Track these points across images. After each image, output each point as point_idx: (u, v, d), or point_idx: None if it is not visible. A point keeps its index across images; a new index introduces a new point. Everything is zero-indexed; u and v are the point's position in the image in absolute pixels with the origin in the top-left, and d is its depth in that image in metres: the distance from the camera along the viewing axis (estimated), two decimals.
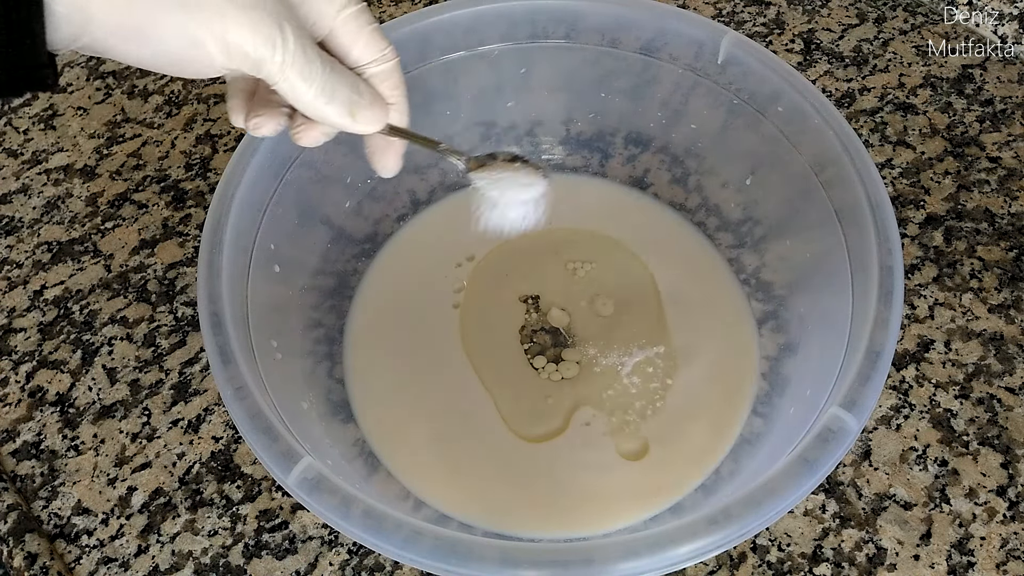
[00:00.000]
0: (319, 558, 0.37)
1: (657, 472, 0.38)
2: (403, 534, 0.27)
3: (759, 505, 0.27)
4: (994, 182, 0.47)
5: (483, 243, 0.46)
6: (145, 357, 0.43)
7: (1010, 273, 0.43)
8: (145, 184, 0.50)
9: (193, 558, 0.37)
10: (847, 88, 0.52)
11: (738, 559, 0.36)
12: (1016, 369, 0.40)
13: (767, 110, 0.39)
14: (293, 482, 0.28)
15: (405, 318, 0.43)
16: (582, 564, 0.26)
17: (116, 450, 0.40)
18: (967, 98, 0.51)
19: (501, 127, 0.47)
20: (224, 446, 0.40)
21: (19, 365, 0.44)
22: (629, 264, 0.45)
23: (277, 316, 0.37)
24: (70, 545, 0.38)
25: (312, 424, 0.36)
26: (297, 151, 0.39)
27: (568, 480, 0.38)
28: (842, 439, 0.28)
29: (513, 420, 0.40)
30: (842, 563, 0.35)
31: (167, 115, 0.54)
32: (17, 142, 0.54)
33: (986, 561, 0.35)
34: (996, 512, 0.37)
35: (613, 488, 0.37)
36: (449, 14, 0.41)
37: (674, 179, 0.46)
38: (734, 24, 0.56)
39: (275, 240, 0.37)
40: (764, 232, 0.42)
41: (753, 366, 0.40)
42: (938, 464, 0.38)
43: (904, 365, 0.41)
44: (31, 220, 0.50)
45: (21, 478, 0.40)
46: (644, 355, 0.41)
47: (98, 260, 0.47)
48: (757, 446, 0.37)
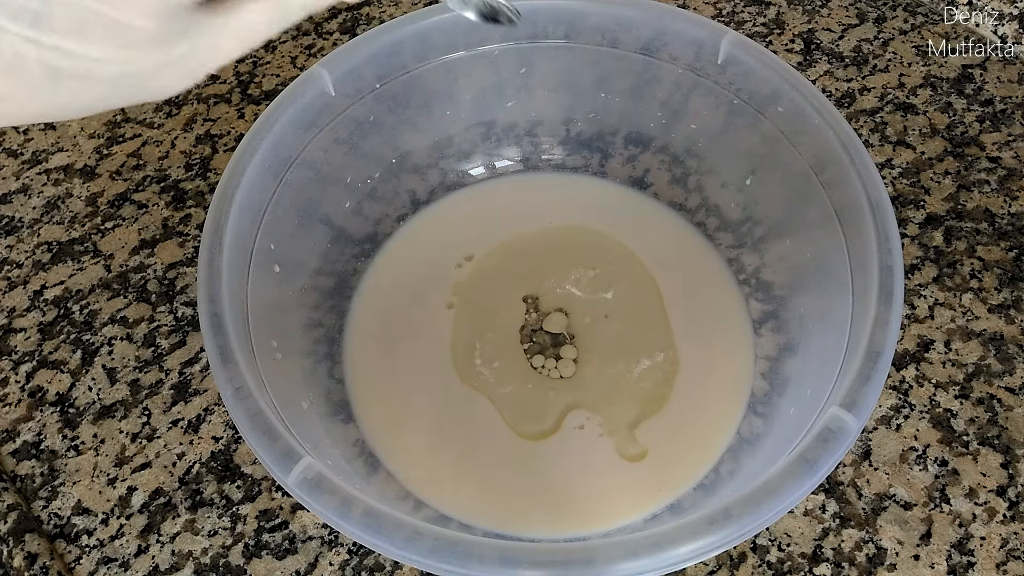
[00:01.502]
0: (319, 558, 0.37)
1: (657, 472, 0.38)
2: (403, 534, 0.27)
3: (759, 505, 0.27)
4: (994, 182, 0.47)
5: (483, 243, 0.46)
6: (145, 357, 0.43)
7: (1010, 273, 0.43)
8: (145, 184, 0.51)
9: (193, 558, 0.37)
10: (847, 88, 0.52)
11: (738, 559, 0.36)
12: (1016, 369, 0.40)
13: (767, 110, 0.39)
14: (293, 482, 0.28)
15: (405, 317, 0.43)
16: (582, 564, 0.26)
17: (116, 450, 0.40)
18: (967, 98, 0.51)
19: (501, 127, 0.47)
20: (224, 446, 0.40)
21: (19, 365, 0.44)
22: (629, 264, 0.45)
23: (277, 316, 0.37)
24: (70, 545, 0.38)
25: (312, 424, 0.36)
26: (297, 151, 0.39)
27: (568, 479, 0.38)
28: (842, 439, 0.28)
29: (513, 419, 0.40)
30: (842, 563, 0.35)
31: (167, 115, 0.54)
32: (17, 142, 0.54)
33: (986, 561, 0.35)
34: (996, 512, 0.37)
35: (613, 487, 0.37)
36: (449, 14, 0.41)
37: (674, 179, 0.46)
38: (734, 24, 0.56)
39: (275, 240, 0.37)
40: (764, 232, 0.42)
41: (753, 366, 0.40)
42: (938, 464, 0.38)
43: (904, 365, 0.41)
44: (31, 220, 0.50)
45: (21, 478, 0.40)
46: (644, 355, 0.41)
47: (98, 260, 0.47)
48: (757, 446, 0.37)
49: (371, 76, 0.41)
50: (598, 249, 0.46)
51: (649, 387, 0.40)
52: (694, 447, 0.38)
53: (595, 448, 0.39)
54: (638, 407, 0.40)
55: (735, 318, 0.42)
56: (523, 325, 0.43)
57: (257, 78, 0.55)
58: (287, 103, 0.38)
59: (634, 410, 0.40)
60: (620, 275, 0.44)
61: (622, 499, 0.37)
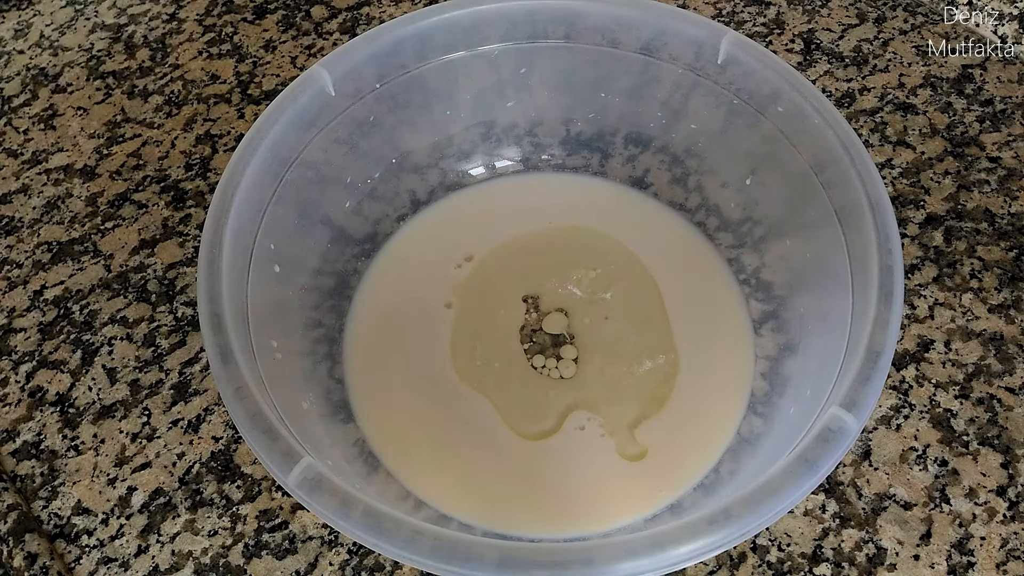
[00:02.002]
0: (319, 558, 0.37)
1: (657, 472, 0.38)
2: (403, 534, 0.27)
3: (759, 505, 0.27)
4: (994, 182, 0.47)
5: (483, 243, 0.46)
6: (145, 357, 0.43)
7: (1010, 273, 0.43)
8: (145, 184, 0.51)
9: (193, 558, 0.37)
10: (847, 88, 0.52)
11: (738, 559, 0.36)
12: (1016, 369, 0.40)
13: (767, 110, 0.39)
14: (293, 482, 0.28)
15: (405, 317, 0.43)
16: (582, 564, 0.26)
17: (116, 450, 0.40)
18: (967, 98, 0.51)
19: (501, 127, 0.47)
20: (224, 446, 0.40)
21: (19, 365, 0.44)
22: (629, 264, 0.45)
23: (277, 316, 0.37)
24: (70, 545, 0.38)
25: (312, 424, 0.36)
26: (297, 151, 0.39)
27: (568, 479, 0.38)
28: (842, 439, 0.28)
29: (513, 420, 0.40)
30: (842, 563, 0.35)
31: (167, 115, 0.54)
32: (17, 142, 0.54)
33: (986, 561, 0.35)
34: (996, 512, 0.37)
35: (613, 487, 0.37)
36: (449, 14, 0.41)
37: (674, 179, 0.46)
38: (734, 24, 0.56)
39: (275, 240, 0.37)
40: (764, 232, 0.42)
41: (753, 366, 0.40)
42: (938, 464, 0.38)
43: (904, 365, 0.41)
44: (31, 220, 0.50)
45: (21, 478, 0.40)
46: (644, 355, 0.41)
47: (98, 260, 0.47)
48: (757, 446, 0.37)
49: (371, 76, 0.41)
50: (598, 249, 0.46)
51: (649, 387, 0.40)
52: (694, 447, 0.38)
53: (596, 449, 0.39)
54: (638, 407, 0.40)
55: (735, 318, 0.42)
56: (523, 325, 0.43)
57: (257, 78, 0.55)
58: (287, 103, 0.38)
59: (634, 410, 0.40)
60: (620, 275, 0.44)
61: (622, 499, 0.37)
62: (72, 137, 0.54)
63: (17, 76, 0.58)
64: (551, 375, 0.41)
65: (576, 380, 0.41)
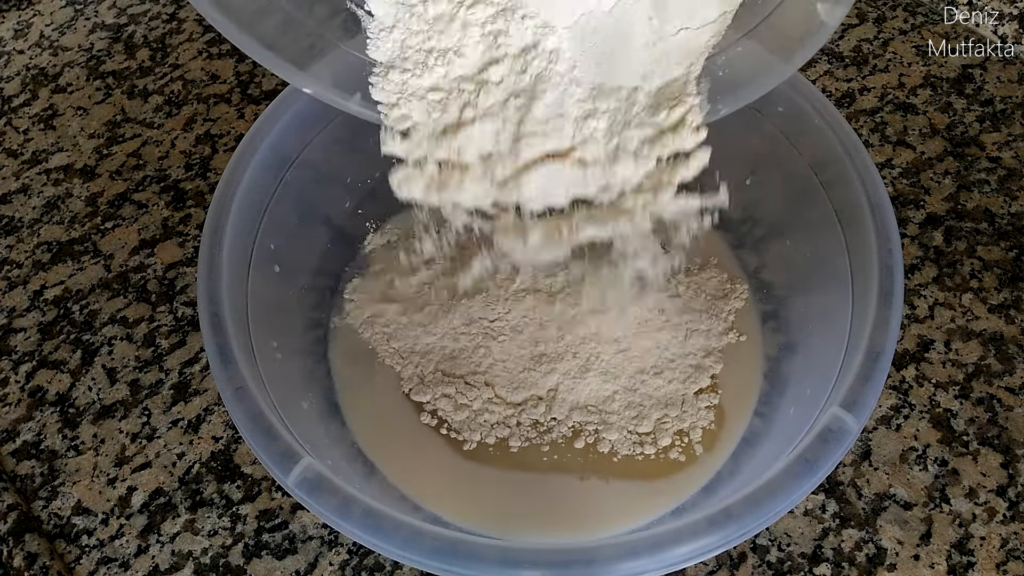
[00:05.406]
0: (319, 558, 0.37)
1: (657, 472, 0.38)
2: (403, 534, 0.27)
3: (759, 505, 0.27)
4: (994, 182, 0.47)
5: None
6: (145, 357, 0.43)
7: (1010, 273, 0.43)
8: (145, 184, 0.50)
9: (193, 558, 0.37)
10: (847, 88, 0.52)
11: (738, 559, 0.36)
12: (1016, 369, 0.40)
13: (767, 110, 0.39)
14: (293, 482, 0.28)
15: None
16: (582, 564, 0.26)
17: (116, 450, 0.40)
18: (967, 98, 0.51)
19: None
20: (224, 446, 0.40)
21: (19, 365, 0.44)
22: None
23: (277, 316, 0.37)
24: (70, 545, 0.38)
25: (312, 424, 0.36)
26: (297, 151, 0.39)
27: (567, 484, 0.38)
28: (842, 439, 0.28)
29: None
30: (842, 563, 0.35)
31: (167, 115, 0.54)
32: (17, 142, 0.54)
33: (986, 561, 0.35)
34: (996, 512, 0.37)
35: (613, 490, 0.37)
36: None
37: None
38: None
39: (275, 240, 0.37)
40: (764, 232, 0.42)
41: (753, 366, 0.40)
42: (938, 464, 0.38)
43: (904, 365, 0.41)
44: (31, 220, 0.50)
45: (21, 478, 0.40)
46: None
47: (98, 260, 0.47)
48: (757, 446, 0.37)
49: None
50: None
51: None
52: (695, 448, 0.38)
53: (596, 448, 0.38)
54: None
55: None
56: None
57: (257, 78, 0.55)
58: (287, 103, 0.38)
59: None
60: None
61: (622, 501, 0.37)
62: (72, 137, 0.54)
63: (17, 76, 0.58)
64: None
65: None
